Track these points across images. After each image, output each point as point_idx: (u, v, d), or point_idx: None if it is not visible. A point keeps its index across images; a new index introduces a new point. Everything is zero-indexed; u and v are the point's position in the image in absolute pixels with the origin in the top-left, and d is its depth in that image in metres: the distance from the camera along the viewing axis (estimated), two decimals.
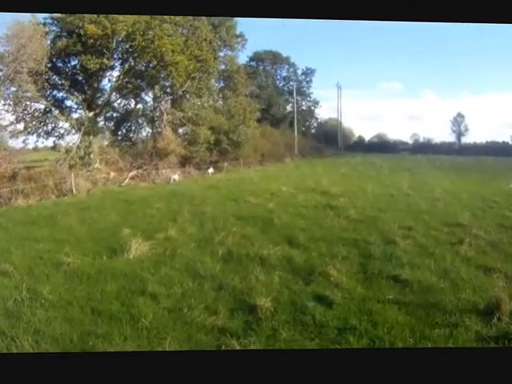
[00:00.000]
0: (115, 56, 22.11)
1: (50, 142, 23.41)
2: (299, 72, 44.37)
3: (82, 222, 12.28)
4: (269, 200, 14.88)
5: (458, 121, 65.78)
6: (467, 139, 63.44)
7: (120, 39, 21.09)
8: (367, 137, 67.98)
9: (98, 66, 20.57)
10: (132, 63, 22.28)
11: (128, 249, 8.67)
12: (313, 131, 48.47)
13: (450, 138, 64.37)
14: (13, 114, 21.58)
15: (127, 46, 21.65)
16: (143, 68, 23.64)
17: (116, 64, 22.69)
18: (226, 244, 9.09)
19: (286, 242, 9.15)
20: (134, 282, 7.10)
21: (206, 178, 24.37)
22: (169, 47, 21.01)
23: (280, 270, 7.39)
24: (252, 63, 42.13)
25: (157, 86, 25.36)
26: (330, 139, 50.26)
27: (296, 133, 41.92)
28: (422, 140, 64.27)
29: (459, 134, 65.82)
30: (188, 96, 27.48)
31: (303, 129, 45.75)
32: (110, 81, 23.70)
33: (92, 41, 19.97)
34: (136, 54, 21.69)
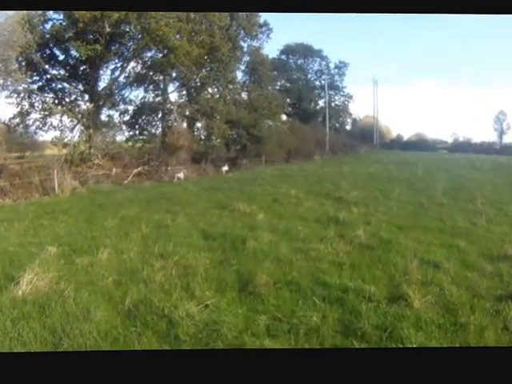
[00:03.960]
0: (112, 42, 19.22)
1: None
2: (332, 66, 40.61)
3: (25, 232, 9.53)
4: (264, 208, 11.56)
5: (500, 119, 60.08)
6: (509, 138, 57.54)
7: (116, 24, 18.10)
8: (406, 135, 63.52)
9: (89, 53, 17.70)
10: (132, 50, 19.27)
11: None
12: (348, 127, 44.73)
13: (490, 137, 58.52)
14: (16, 107, 19.47)
15: (123, 31, 18.67)
16: (147, 55, 20.74)
17: (116, 50, 19.82)
18: (149, 284, 5.88)
19: (238, 286, 5.77)
20: None
21: (214, 177, 21.15)
22: (165, 30, 17.77)
23: None
24: (283, 56, 38.77)
25: (167, 77, 22.33)
26: (366, 136, 46.27)
27: (328, 129, 38.07)
28: (461, 139, 58.80)
29: (501, 133, 60.00)
30: (204, 88, 24.38)
31: (337, 125, 41.97)
32: (113, 71, 21.02)
33: (82, 25, 17.06)
34: (134, 40, 18.67)
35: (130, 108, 22.67)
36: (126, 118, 23.06)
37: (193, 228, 9.28)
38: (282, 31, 63.18)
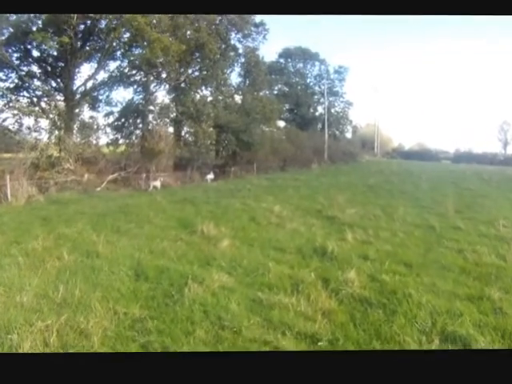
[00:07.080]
0: (86, 36, 16.84)
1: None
2: (331, 70, 38.11)
3: None
4: (235, 230, 9.05)
5: (504, 129, 57.81)
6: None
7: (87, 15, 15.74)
8: (407, 144, 61.26)
9: (56, 46, 15.34)
10: (107, 45, 16.84)
11: None
12: (348, 135, 42.22)
13: (493, 147, 56.17)
14: None
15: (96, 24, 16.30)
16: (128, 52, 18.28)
17: (92, 46, 17.45)
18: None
19: None
20: None
21: (195, 187, 18.62)
22: (141, 21, 15.32)
23: None
24: (281, 60, 36.26)
25: (149, 76, 19.88)
26: (367, 145, 44.07)
27: (326, 136, 35.41)
28: (464, 149, 56.30)
29: (505, 143, 57.65)
30: (192, 89, 21.92)
31: (336, 132, 39.37)
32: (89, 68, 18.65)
33: (48, 15, 14.73)
34: (109, 33, 16.25)
35: (108, 108, 20.24)
36: (107, 119, 20.64)
37: (129, 258, 6.75)
38: (283, 33, 61.24)
